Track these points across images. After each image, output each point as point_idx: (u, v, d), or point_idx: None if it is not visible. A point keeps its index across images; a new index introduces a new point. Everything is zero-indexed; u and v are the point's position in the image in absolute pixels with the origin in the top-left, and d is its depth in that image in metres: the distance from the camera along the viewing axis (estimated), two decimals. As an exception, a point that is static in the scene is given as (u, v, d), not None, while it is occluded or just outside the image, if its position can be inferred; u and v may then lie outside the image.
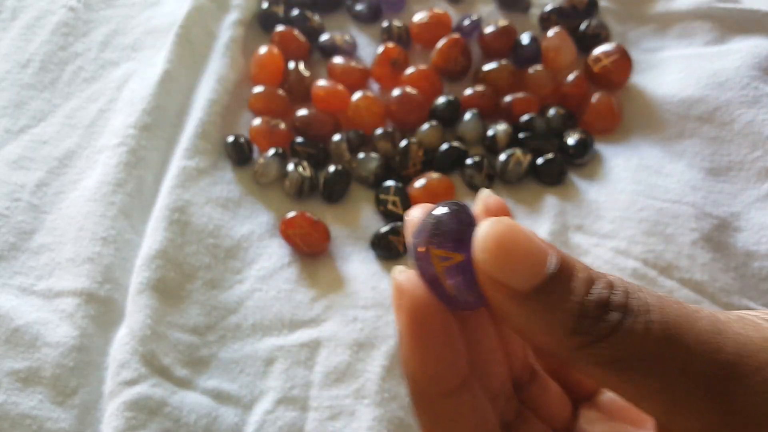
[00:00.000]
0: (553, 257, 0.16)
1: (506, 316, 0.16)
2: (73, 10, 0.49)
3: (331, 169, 0.40)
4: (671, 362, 0.15)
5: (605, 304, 0.15)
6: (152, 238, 0.37)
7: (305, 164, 0.40)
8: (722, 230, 0.38)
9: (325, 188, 0.40)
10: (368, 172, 0.41)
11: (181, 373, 0.33)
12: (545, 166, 0.41)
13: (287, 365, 0.34)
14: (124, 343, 0.33)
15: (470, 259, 0.16)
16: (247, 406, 0.33)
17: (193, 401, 0.32)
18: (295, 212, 0.38)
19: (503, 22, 0.46)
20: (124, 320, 0.34)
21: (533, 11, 0.49)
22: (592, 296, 0.15)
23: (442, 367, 0.17)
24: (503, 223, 0.15)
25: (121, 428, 0.30)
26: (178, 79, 0.44)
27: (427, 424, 0.18)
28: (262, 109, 0.43)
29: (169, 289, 0.35)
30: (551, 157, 0.41)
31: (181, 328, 0.34)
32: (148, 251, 0.36)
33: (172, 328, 0.34)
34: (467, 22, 0.47)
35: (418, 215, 0.18)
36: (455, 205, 0.17)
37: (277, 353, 0.34)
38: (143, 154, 0.40)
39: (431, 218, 0.17)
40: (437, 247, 0.16)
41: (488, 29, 0.46)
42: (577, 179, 0.42)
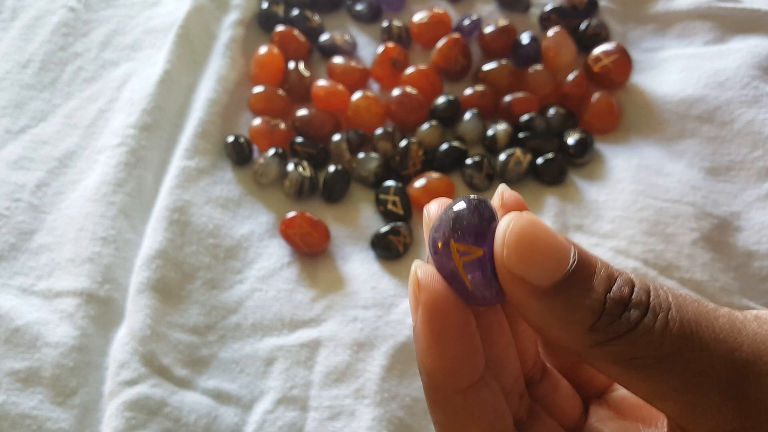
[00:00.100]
0: (574, 254, 0.15)
1: (525, 311, 0.16)
2: (73, 10, 0.49)
3: (331, 169, 0.40)
4: (689, 361, 0.15)
5: (625, 302, 0.15)
6: (152, 238, 0.37)
7: (305, 164, 0.40)
8: (722, 230, 0.38)
9: (325, 188, 0.40)
10: (368, 172, 0.41)
11: (181, 373, 0.33)
12: (545, 165, 0.41)
13: (287, 365, 0.34)
14: (124, 343, 0.33)
15: (490, 254, 0.16)
16: (247, 406, 0.33)
17: (193, 401, 0.32)
18: (295, 212, 0.38)
19: (503, 21, 0.46)
20: (124, 320, 0.35)
21: (533, 11, 0.49)
22: (612, 294, 0.15)
23: (459, 362, 0.16)
24: (525, 218, 0.15)
25: (121, 428, 0.30)
26: (178, 79, 0.44)
27: (442, 419, 0.18)
28: (262, 109, 0.43)
29: (169, 289, 0.35)
30: (551, 156, 0.41)
31: (181, 328, 0.34)
32: (148, 251, 0.36)
33: (172, 328, 0.34)
34: (467, 21, 0.47)
35: (436, 210, 0.18)
36: (475, 199, 0.17)
37: (277, 353, 0.34)
38: (143, 154, 0.40)
39: (451, 213, 0.16)
40: (457, 241, 0.16)
41: (488, 29, 0.46)
42: (577, 179, 0.41)
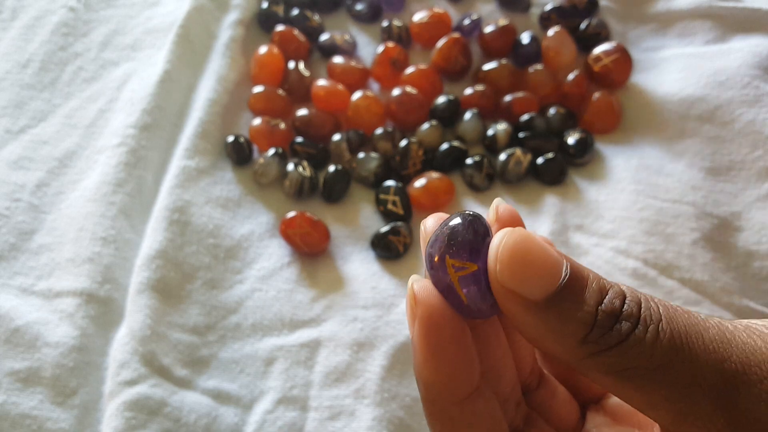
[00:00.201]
0: (566, 267, 0.16)
1: (519, 324, 0.16)
2: (73, 10, 0.49)
3: (331, 169, 0.40)
4: (679, 372, 0.15)
5: (617, 314, 0.15)
6: (152, 238, 0.37)
7: (305, 164, 0.40)
8: (723, 230, 0.38)
9: (325, 188, 0.40)
10: (368, 171, 0.41)
11: (181, 373, 0.33)
12: (545, 165, 0.41)
13: (287, 365, 0.34)
14: (124, 343, 0.33)
15: (485, 268, 0.16)
16: (247, 406, 0.33)
17: (193, 401, 0.32)
18: (295, 212, 0.38)
19: (503, 21, 0.46)
20: (124, 320, 0.35)
21: (533, 10, 0.49)
22: (603, 306, 0.16)
23: (455, 374, 0.17)
24: (517, 233, 0.16)
25: (120, 428, 0.30)
26: (178, 78, 0.44)
27: (439, 430, 0.18)
28: (262, 108, 0.43)
29: (169, 289, 0.35)
30: (551, 156, 0.41)
31: (181, 328, 0.35)
32: (148, 251, 0.36)
33: (172, 328, 0.34)
34: (467, 21, 0.47)
35: (432, 225, 0.18)
36: (470, 215, 0.17)
37: (277, 353, 0.34)
38: (143, 154, 0.40)
39: (446, 228, 0.17)
40: (452, 257, 0.17)
41: (488, 29, 0.46)
42: (577, 179, 0.41)
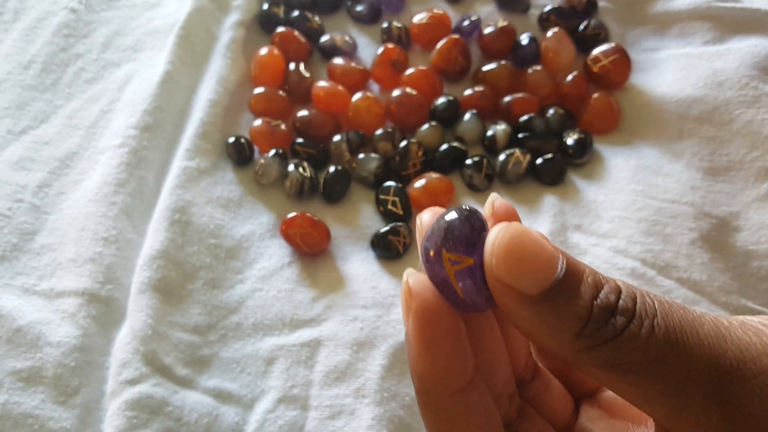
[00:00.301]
0: (561, 262, 0.16)
1: (515, 318, 0.16)
2: (74, 11, 0.49)
3: (331, 169, 0.41)
4: (674, 367, 0.15)
5: (612, 309, 0.16)
6: (153, 238, 0.37)
7: (305, 165, 0.41)
8: (721, 230, 0.38)
9: (325, 188, 0.40)
10: (368, 172, 0.41)
11: (182, 372, 0.33)
12: (544, 165, 0.41)
13: (288, 365, 0.34)
14: (125, 342, 0.33)
15: (481, 262, 0.16)
16: (247, 405, 0.33)
17: (194, 400, 0.32)
18: (295, 212, 0.38)
19: (502, 22, 0.46)
20: (125, 320, 0.35)
21: (532, 12, 0.49)
22: (599, 301, 0.16)
23: (450, 368, 0.17)
24: (513, 228, 0.16)
25: (122, 428, 0.31)
26: (179, 79, 0.44)
27: (433, 423, 0.18)
28: (262, 109, 0.44)
29: (170, 288, 0.35)
30: (550, 157, 0.41)
31: (182, 327, 0.35)
32: (149, 251, 0.36)
33: (173, 327, 0.34)
34: (467, 22, 0.47)
35: (429, 219, 0.18)
36: (466, 209, 0.17)
37: (277, 353, 0.35)
38: (144, 154, 0.40)
39: (443, 223, 0.17)
40: (448, 250, 0.17)
41: (488, 30, 0.46)
42: (576, 179, 0.42)
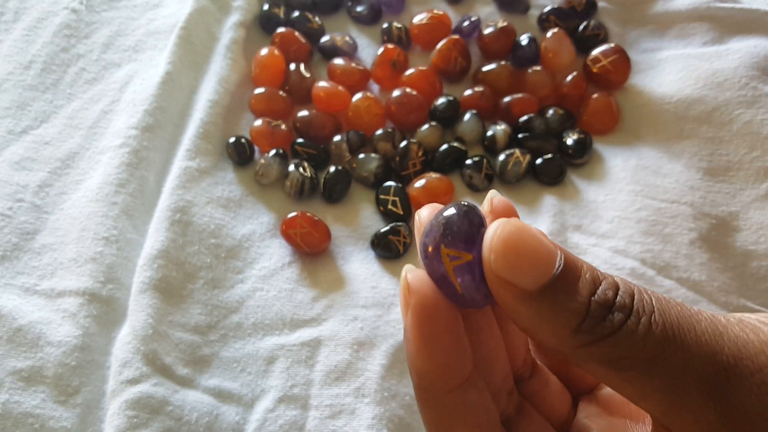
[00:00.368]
0: (560, 258, 0.16)
1: (513, 314, 0.16)
2: (75, 11, 0.49)
3: (331, 169, 0.41)
4: (671, 363, 0.15)
5: (609, 305, 0.16)
6: (154, 238, 0.37)
7: (306, 165, 0.41)
8: (720, 230, 0.38)
9: (325, 188, 0.41)
10: (368, 172, 0.41)
11: (182, 372, 0.33)
12: (544, 166, 0.41)
13: (288, 364, 0.34)
14: (126, 342, 0.33)
15: (479, 258, 0.16)
16: (248, 404, 0.33)
17: (194, 400, 0.32)
18: (295, 212, 0.38)
19: (502, 23, 0.47)
20: (126, 320, 0.35)
21: (532, 12, 0.49)
22: (596, 297, 0.16)
23: (448, 363, 0.17)
24: (512, 224, 0.16)
25: (123, 427, 0.31)
26: (179, 80, 0.44)
27: (431, 419, 0.18)
28: (263, 110, 0.44)
29: (170, 288, 0.36)
30: (550, 157, 0.41)
31: (182, 327, 0.35)
32: (150, 251, 0.36)
33: (173, 327, 0.34)
34: (467, 23, 0.47)
35: (427, 215, 0.18)
36: (465, 205, 0.17)
37: (278, 352, 0.35)
38: (145, 154, 0.40)
39: (442, 218, 0.17)
40: (447, 246, 0.17)
41: (487, 30, 0.46)
42: (575, 179, 0.42)
